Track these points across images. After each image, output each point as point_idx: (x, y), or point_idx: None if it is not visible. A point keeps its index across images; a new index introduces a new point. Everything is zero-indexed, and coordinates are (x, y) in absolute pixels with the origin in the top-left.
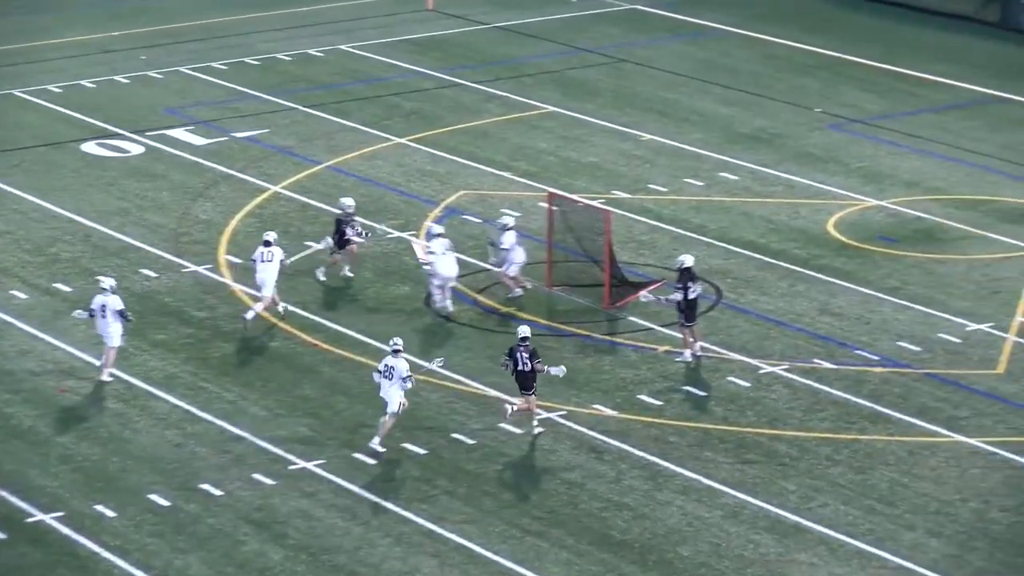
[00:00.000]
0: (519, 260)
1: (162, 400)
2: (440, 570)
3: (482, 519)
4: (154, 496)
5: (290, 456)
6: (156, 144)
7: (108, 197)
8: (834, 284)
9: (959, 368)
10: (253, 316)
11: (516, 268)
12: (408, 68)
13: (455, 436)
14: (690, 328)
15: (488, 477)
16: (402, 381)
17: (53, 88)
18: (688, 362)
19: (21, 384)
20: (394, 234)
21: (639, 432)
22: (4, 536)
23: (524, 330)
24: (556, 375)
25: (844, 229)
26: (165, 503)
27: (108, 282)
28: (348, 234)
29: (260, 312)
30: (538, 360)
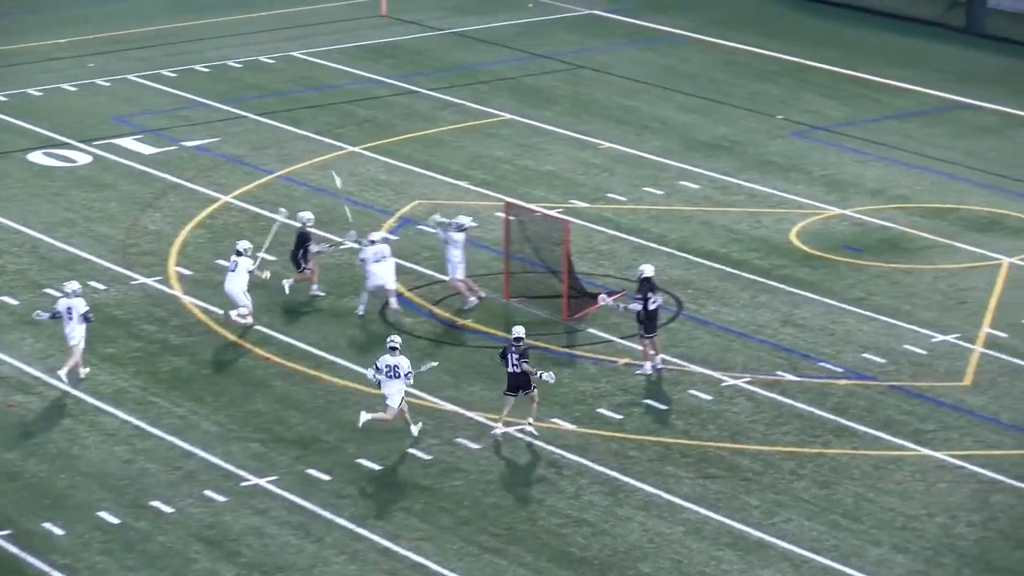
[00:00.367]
0: (460, 261)
1: (111, 415)
2: None
3: (438, 536)
4: (103, 513)
5: (242, 472)
6: (104, 153)
7: (55, 207)
8: (797, 295)
9: (925, 380)
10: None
11: (463, 268)
12: (361, 75)
13: (411, 451)
14: (651, 340)
15: (445, 493)
16: (404, 378)
17: None
18: (648, 375)
19: None
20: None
21: (599, 446)
22: None
23: (518, 330)
24: (547, 381)
25: (807, 239)
26: (115, 520)
27: (72, 285)
28: (312, 249)
29: (239, 320)
30: (526, 360)
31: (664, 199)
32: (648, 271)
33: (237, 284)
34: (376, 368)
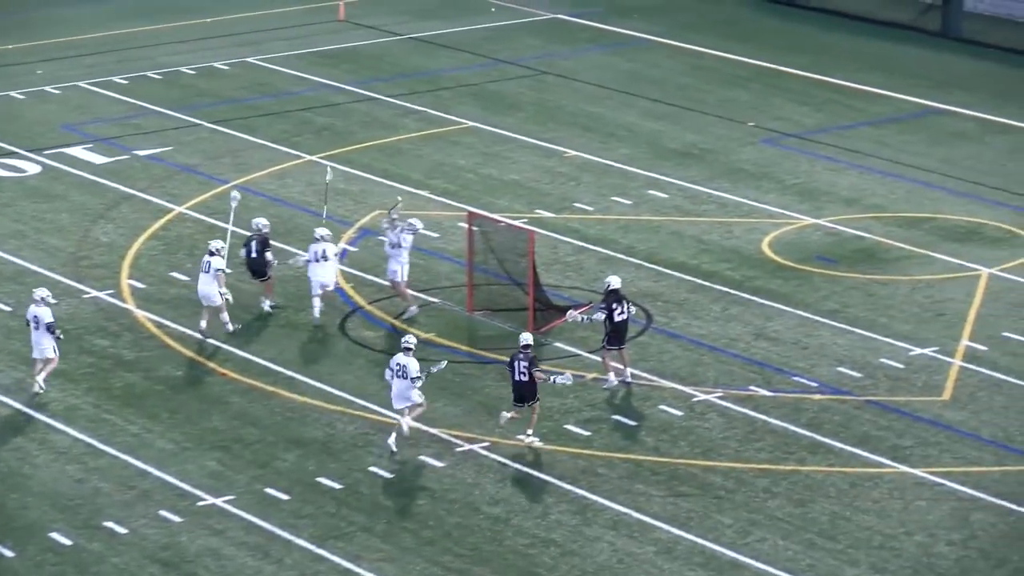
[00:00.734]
0: (407, 262)
1: (63, 433)
2: None
3: (401, 557)
4: (55, 535)
5: (198, 491)
6: (54, 163)
7: (3, 219)
8: (770, 307)
9: (902, 395)
10: (228, 328)
11: (407, 270)
12: (319, 81)
13: (372, 469)
14: (619, 352)
15: (407, 512)
16: (411, 381)
17: None
18: (613, 387)
19: None
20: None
21: (566, 464)
22: None
23: (526, 337)
24: (563, 384)
25: (780, 249)
26: (67, 542)
27: (40, 293)
28: (268, 258)
29: (204, 323)
30: (538, 368)
31: (632, 209)
32: (615, 283)
33: (212, 285)
34: (389, 367)
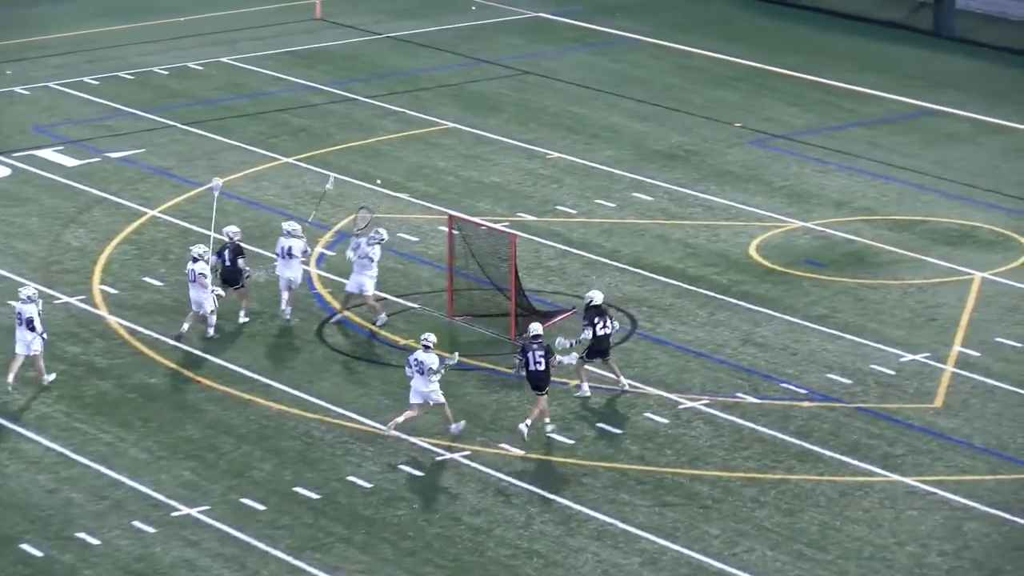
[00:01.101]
0: (375, 275)
1: (33, 442)
2: None
3: (380, 568)
4: (26, 546)
5: (172, 502)
6: (23, 166)
7: None
8: (758, 312)
9: (893, 402)
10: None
11: (373, 284)
12: (295, 82)
13: (351, 479)
14: (605, 363)
15: (387, 523)
16: (426, 376)
17: None
18: (587, 396)
19: None
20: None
21: (550, 473)
22: None
23: (535, 327)
24: (569, 364)
25: (768, 253)
26: (38, 553)
27: (27, 291)
28: (240, 265)
29: (187, 326)
30: (552, 357)
31: (616, 212)
32: (597, 298)
33: (204, 292)
34: (408, 364)
